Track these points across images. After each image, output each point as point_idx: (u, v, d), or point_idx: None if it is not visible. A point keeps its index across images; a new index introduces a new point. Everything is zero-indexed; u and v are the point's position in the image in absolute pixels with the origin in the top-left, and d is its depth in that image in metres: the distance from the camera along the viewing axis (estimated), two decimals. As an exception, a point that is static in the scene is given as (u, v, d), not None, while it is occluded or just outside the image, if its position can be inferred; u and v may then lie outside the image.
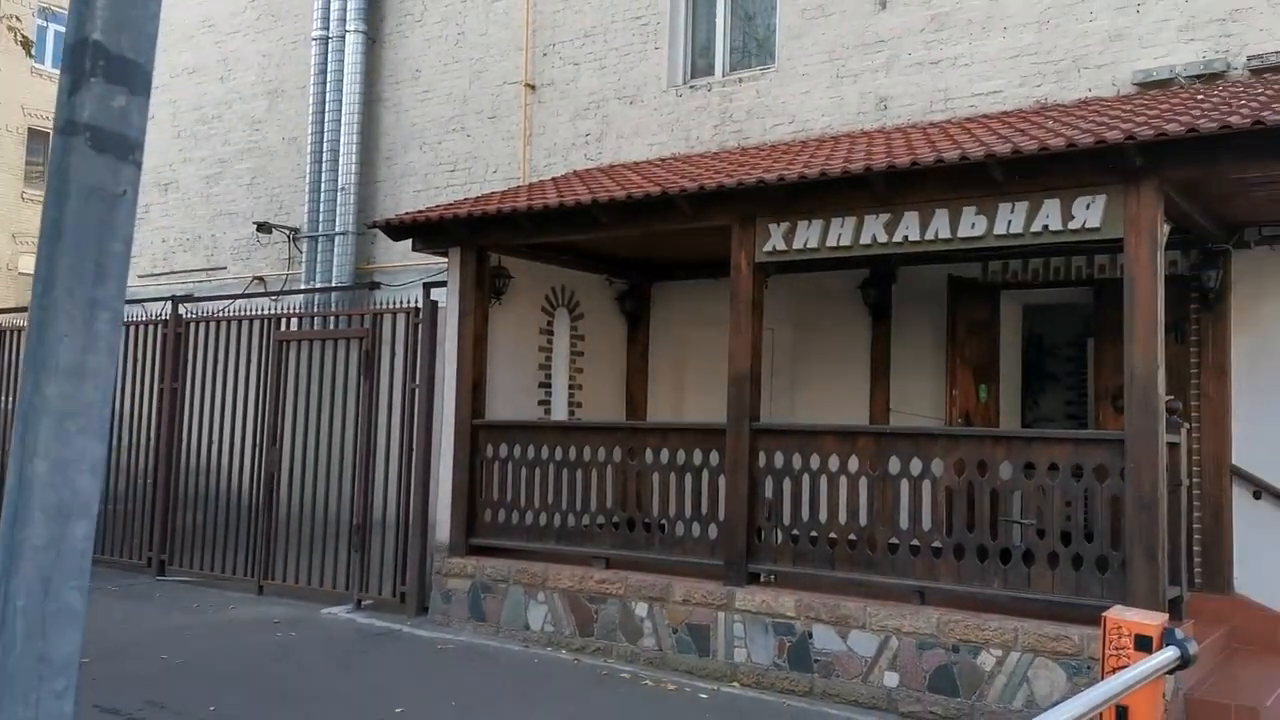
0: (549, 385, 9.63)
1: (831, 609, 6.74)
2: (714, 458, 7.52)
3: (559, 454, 8.25)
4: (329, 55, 12.46)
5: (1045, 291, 8.82)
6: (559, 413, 9.67)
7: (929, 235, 6.71)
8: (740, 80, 9.88)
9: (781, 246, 7.27)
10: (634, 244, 9.20)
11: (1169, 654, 3.73)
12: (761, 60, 9.98)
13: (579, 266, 9.77)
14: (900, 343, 9.06)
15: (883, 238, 6.88)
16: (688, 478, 7.66)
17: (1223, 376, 7.64)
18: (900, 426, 8.21)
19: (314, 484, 9.60)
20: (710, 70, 10.25)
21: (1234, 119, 5.55)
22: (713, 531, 7.52)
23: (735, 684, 6.90)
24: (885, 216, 6.85)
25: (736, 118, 9.79)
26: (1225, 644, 7.04)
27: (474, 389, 8.68)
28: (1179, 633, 3.90)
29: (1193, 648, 3.92)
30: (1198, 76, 7.65)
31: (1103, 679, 3.68)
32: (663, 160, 9.79)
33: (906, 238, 6.80)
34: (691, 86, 10.19)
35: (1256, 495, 7.45)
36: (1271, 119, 5.39)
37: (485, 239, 8.64)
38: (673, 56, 10.31)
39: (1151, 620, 3.93)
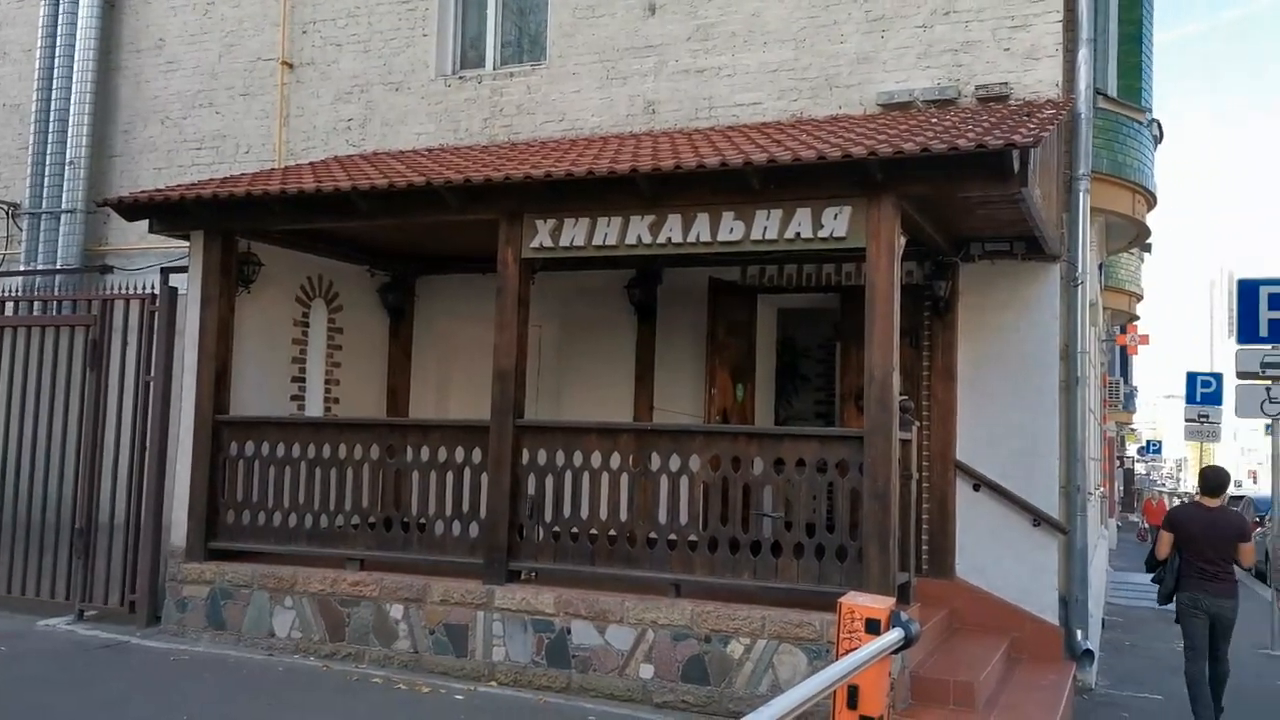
0: (303, 380, 9.16)
1: (590, 604, 6.78)
2: (476, 455, 7.40)
3: (312, 452, 7.87)
4: (60, 17, 11.38)
5: (798, 296, 9.28)
6: (314, 409, 9.22)
7: (691, 238, 6.88)
8: (511, 75, 9.80)
9: (548, 243, 7.25)
10: (398, 235, 8.92)
11: (894, 635, 3.99)
12: (534, 56, 9.94)
13: (338, 256, 9.37)
14: (664, 342, 9.27)
15: (647, 239, 6.99)
16: (449, 476, 7.50)
17: (950, 379, 8.31)
18: (661, 424, 8.39)
19: (30, 484, 8.71)
20: (481, 62, 10.11)
21: (961, 142, 6.03)
22: (474, 530, 7.40)
23: (493, 683, 6.81)
24: (650, 218, 6.97)
25: (507, 112, 9.70)
26: (947, 624, 7.66)
27: (218, 383, 8.13)
28: (904, 615, 4.18)
29: (915, 629, 4.21)
30: (933, 101, 8.29)
31: (837, 661, 3.88)
32: (430, 150, 9.56)
33: (670, 240, 6.94)
34: (461, 77, 10.00)
35: (976, 488, 8.14)
36: (992, 144, 5.89)
37: (233, 223, 8.12)
38: (442, 45, 10.09)
39: (880, 605, 4.18)
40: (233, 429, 8.13)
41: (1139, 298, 20.47)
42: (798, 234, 6.62)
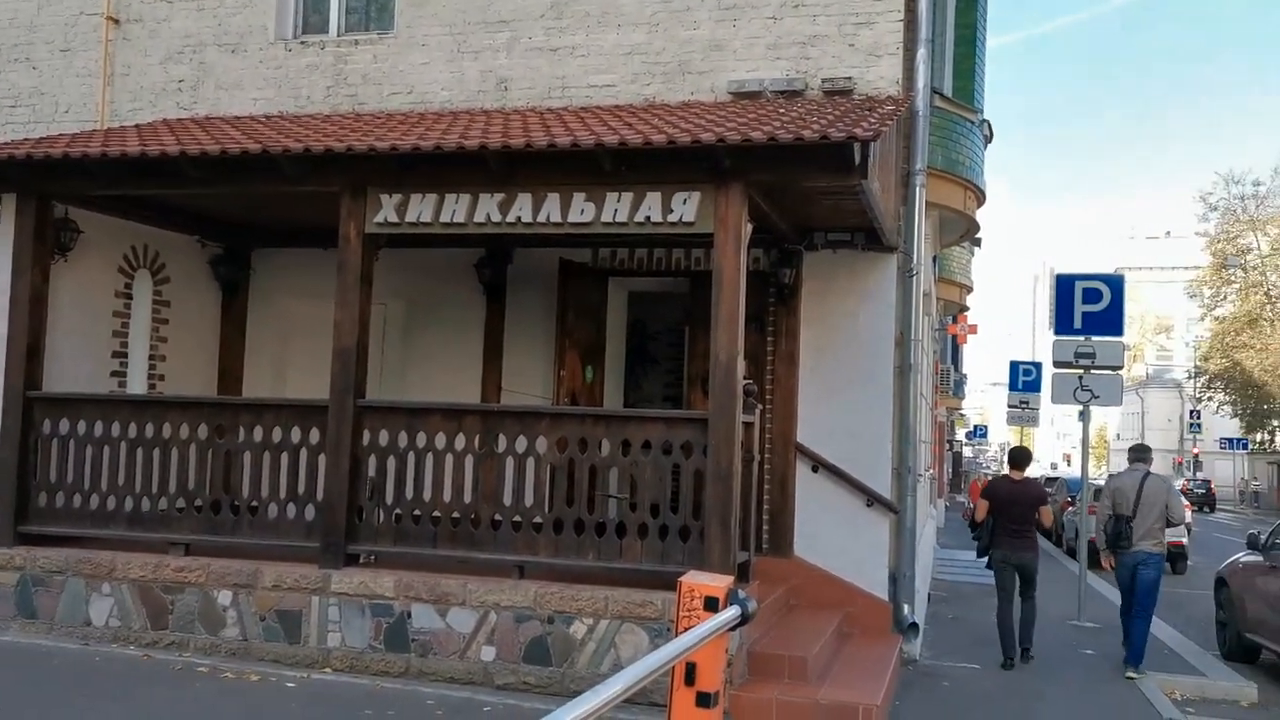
0: (125, 356, 8.64)
1: (432, 587, 6.67)
2: (314, 436, 7.16)
3: (134, 431, 7.44)
4: None
5: (649, 280, 9.35)
6: (137, 386, 8.71)
7: (541, 218, 6.82)
8: (357, 42, 9.46)
9: (394, 219, 7.06)
10: (232, 205, 8.53)
11: (731, 613, 4.05)
12: (381, 25, 9.62)
13: (166, 225, 8.87)
14: (514, 322, 9.18)
15: (496, 217, 6.90)
16: (284, 457, 7.23)
17: (792, 364, 8.54)
18: (507, 405, 8.32)
19: None
20: (324, 28, 9.72)
21: (806, 133, 6.17)
22: (310, 513, 7.16)
23: (327, 670, 6.61)
24: (500, 196, 6.87)
25: (352, 81, 9.37)
26: (785, 601, 7.89)
27: (29, 357, 7.57)
28: (741, 593, 4.25)
29: (752, 606, 4.29)
30: (782, 92, 8.46)
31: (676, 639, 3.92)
32: (268, 117, 9.14)
33: (520, 219, 6.86)
34: (303, 42, 9.60)
35: (815, 469, 8.41)
36: (835, 136, 6.05)
37: (49, 186, 7.58)
38: (282, 7, 9.64)
39: (718, 583, 4.24)
40: (46, 406, 7.60)
41: (969, 289, 21.56)
42: (648, 218, 6.65)
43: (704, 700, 3.89)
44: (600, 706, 2.59)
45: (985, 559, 9.13)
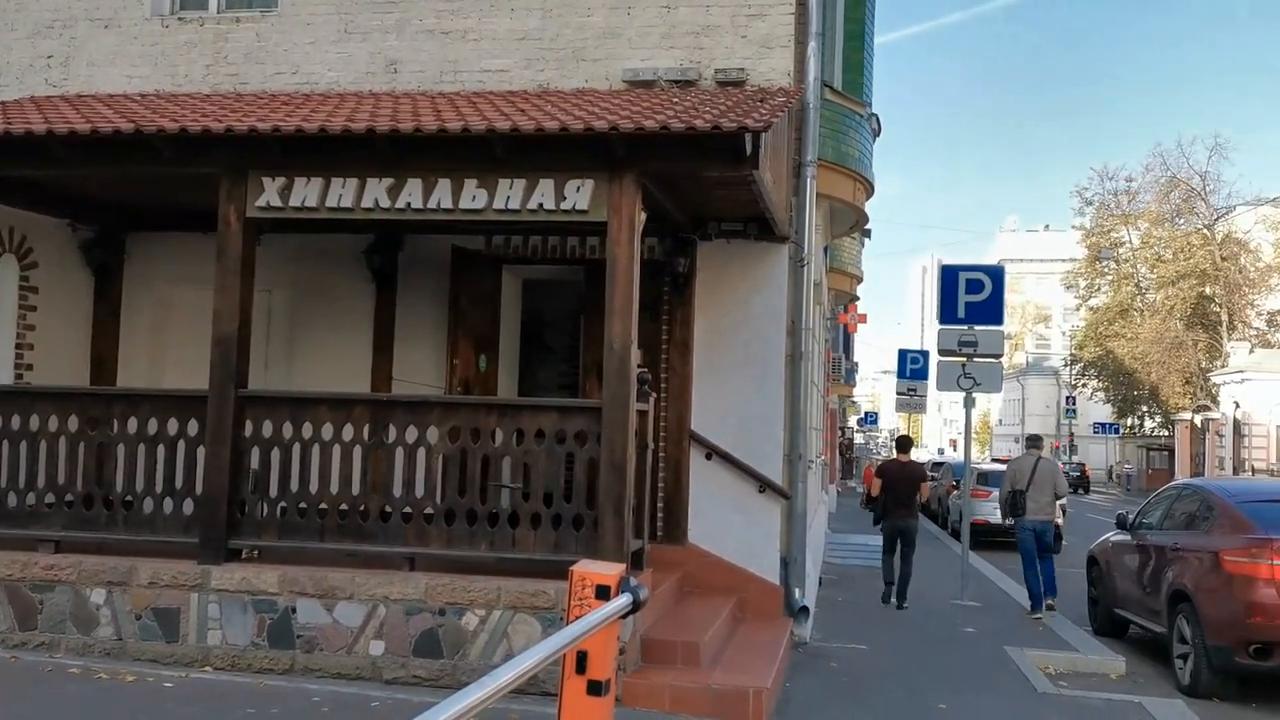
0: (-11, 344, 8.19)
1: (318, 581, 6.51)
2: (193, 427, 6.91)
3: (-1, 424, 7.05)
4: None
5: (544, 268, 9.28)
6: (3, 376, 8.24)
7: (431, 204, 6.71)
8: (238, 20, 9.12)
9: (277, 203, 6.84)
10: (105, 187, 8.14)
11: (622, 600, 4.06)
12: (264, 2, 9.28)
13: (33, 207, 8.40)
14: (405, 311, 9.00)
15: (385, 203, 6.75)
16: (161, 449, 6.96)
17: (686, 352, 8.60)
18: (397, 395, 8.17)
19: None
20: (203, 4, 9.33)
21: (698, 122, 6.21)
22: (189, 507, 6.91)
23: (208, 668, 6.39)
24: (389, 181, 6.73)
25: (233, 60, 9.03)
26: (679, 588, 7.96)
27: (-120, 345, 7.11)
28: (633, 581, 4.26)
29: (644, 593, 4.30)
30: (676, 81, 8.49)
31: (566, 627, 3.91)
32: (144, 96, 8.75)
33: (410, 205, 6.73)
34: (180, 18, 9.20)
35: (708, 457, 8.49)
36: (726, 126, 6.10)
37: (-100, 163, 7.09)
38: (158, -20, 9.24)
39: (610, 571, 4.25)
40: (-101, 399, 7.14)
41: (859, 279, 22.02)
42: (541, 205, 6.60)
43: (595, 688, 3.89)
44: (487, 697, 2.57)
45: (878, 524, 11.60)
